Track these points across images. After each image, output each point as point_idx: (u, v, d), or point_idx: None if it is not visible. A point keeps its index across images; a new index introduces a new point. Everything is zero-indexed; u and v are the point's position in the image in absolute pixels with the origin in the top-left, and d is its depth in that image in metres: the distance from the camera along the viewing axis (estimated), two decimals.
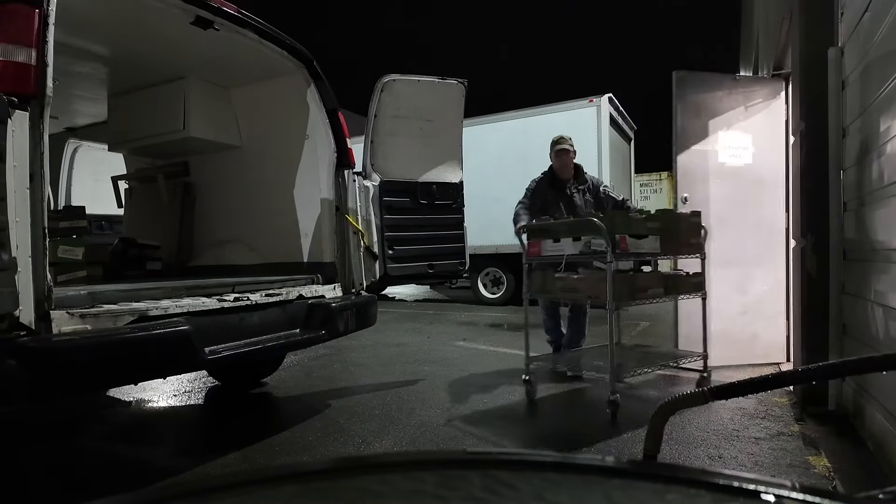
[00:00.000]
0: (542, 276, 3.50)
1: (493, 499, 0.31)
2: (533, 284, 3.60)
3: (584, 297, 3.30)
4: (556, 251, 3.25)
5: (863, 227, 2.63)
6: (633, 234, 3.04)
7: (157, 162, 4.30)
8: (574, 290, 3.30)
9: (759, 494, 0.31)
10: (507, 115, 8.69)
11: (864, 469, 2.30)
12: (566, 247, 3.18)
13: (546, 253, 3.34)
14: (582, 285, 3.25)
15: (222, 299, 2.49)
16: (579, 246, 3.11)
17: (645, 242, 3.09)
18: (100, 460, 2.74)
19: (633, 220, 3.14)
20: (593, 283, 3.17)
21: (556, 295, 3.50)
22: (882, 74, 2.29)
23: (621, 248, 2.94)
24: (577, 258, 3.21)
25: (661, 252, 3.24)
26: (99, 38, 3.03)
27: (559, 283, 3.36)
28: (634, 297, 3.13)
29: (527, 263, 3.56)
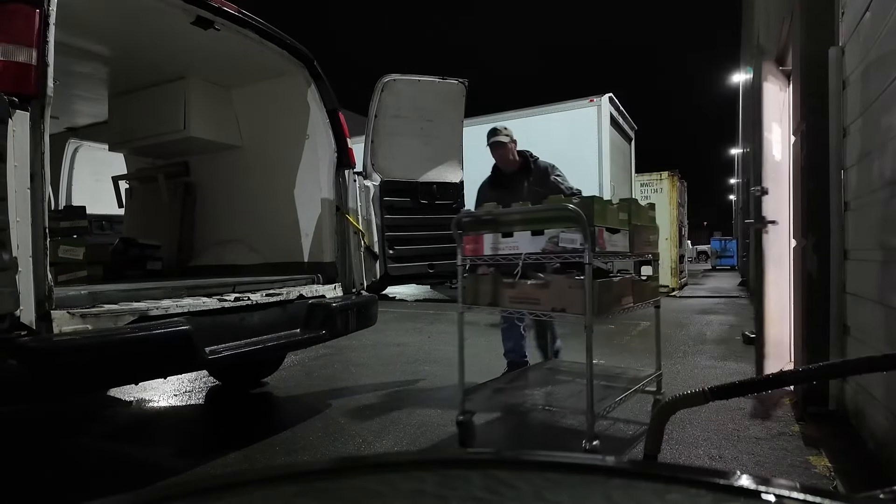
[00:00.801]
0: (484, 283, 2.69)
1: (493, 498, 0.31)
2: (469, 293, 2.70)
3: (547, 310, 2.45)
4: (507, 249, 2.51)
5: (864, 227, 2.63)
6: (610, 227, 2.47)
7: (158, 162, 4.30)
8: (533, 300, 2.48)
9: (759, 494, 0.31)
10: (508, 114, 8.69)
11: (864, 469, 2.30)
12: (522, 243, 2.45)
13: (492, 252, 2.57)
14: (545, 294, 2.44)
15: (223, 299, 2.49)
16: (541, 242, 2.40)
17: (618, 239, 2.53)
18: (100, 460, 2.74)
19: (610, 208, 2.50)
20: (562, 290, 2.40)
21: (506, 307, 2.60)
22: (883, 74, 2.29)
23: (600, 246, 2.33)
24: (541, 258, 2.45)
25: (630, 251, 2.66)
26: (99, 38, 3.03)
27: (511, 291, 2.55)
28: (611, 309, 2.49)
29: (461, 264, 2.70)
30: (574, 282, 2.37)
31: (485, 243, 2.61)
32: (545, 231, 2.40)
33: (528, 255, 2.45)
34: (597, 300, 2.28)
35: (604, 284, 2.40)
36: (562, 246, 2.36)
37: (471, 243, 2.65)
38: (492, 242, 2.58)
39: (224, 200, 4.01)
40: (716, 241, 29.41)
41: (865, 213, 2.59)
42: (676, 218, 11.74)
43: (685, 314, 8.08)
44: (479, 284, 2.71)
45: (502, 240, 2.54)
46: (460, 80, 3.97)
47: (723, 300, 10.35)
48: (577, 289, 2.33)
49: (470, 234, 2.68)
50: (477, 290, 2.71)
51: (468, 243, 2.67)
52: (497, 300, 2.63)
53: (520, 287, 2.53)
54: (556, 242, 2.37)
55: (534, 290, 2.51)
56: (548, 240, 2.39)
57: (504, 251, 2.53)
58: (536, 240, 2.43)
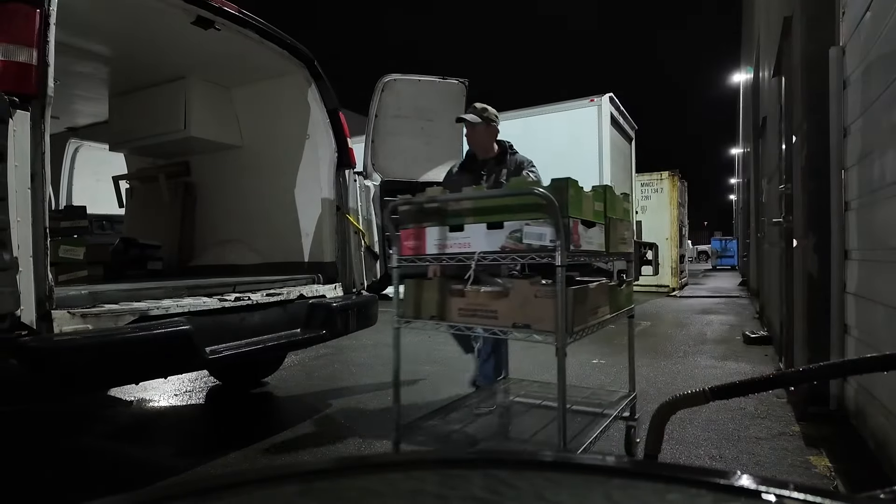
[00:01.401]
0: (427, 290, 2.12)
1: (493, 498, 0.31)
2: (408, 303, 2.16)
3: (506, 326, 1.91)
4: (456, 247, 1.98)
5: (864, 227, 2.63)
6: (585, 219, 1.97)
7: (158, 162, 4.31)
8: (488, 313, 1.95)
9: (759, 494, 0.31)
10: (508, 114, 8.67)
11: (865, 469, 2.30)
12: (476, 239, 1.94)
13: (437, 250, 2.03)
14: (504, 305, 1.91)
15: (223, 299, 2.49)
16: (500, 237, 1.88)
17: (593, 235, 2.05)
18: (101, 460, 2.74)
19: (586, 195, 2.00)
20: (526, 300, 1.88)
21: (453, 320, 2.03)
22: (884, 74, 2.29)
23: (574, 242, 1.84)
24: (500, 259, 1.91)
25: (605, 250, 2.18)
26: (100, 38, 3.03)
27: (460, 301, 2.01)
28: (586, 323, 1.97)
29: (397, 266, 2.17)
30: (541, 289, 1.85)
31: (428, 239, 2.05)
32: (505, 223, 1.88)
33: (483, 255, 1.92)
34: (570, 313, 1.78)
35: (578, 293, 1.88)
36: (526, 243, 1.83)
37: (411, 239, 2.11)
38: (437, 238, 2.04)
39: (224, 200, 4.02)
40: (716, 240, 29.44)
41: (866, 213, 2.59)
42: (677, 218, 11.74)
43: (685, 314, 8.08)
44: (421, 292, 2.13)
45: (450, 235, 2.00)
46: (460, 79, 3.97)
47: (723, 300, 10.35)
48: (545, 298, 1.82)
49: (410, 226, 2.13)
50: (418, 299, 2.14)
51: (407, 239, 2.12)
52: (443, 313, 2.06)
53: (471, 296, 1.99)
54: (518, 238, 1.84)
55: (489, 301, 1.95)
56: (508, 234, 1.87)
57: (452, 249, 1.99)
58: (494, 235, 1.90)
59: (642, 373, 4.16)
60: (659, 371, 4.26)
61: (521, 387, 2.83)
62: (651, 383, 3.87)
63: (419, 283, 2.16)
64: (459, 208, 2.00)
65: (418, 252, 2.09)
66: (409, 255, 2.12)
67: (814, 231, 3.09)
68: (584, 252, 1.98)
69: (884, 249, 2.30)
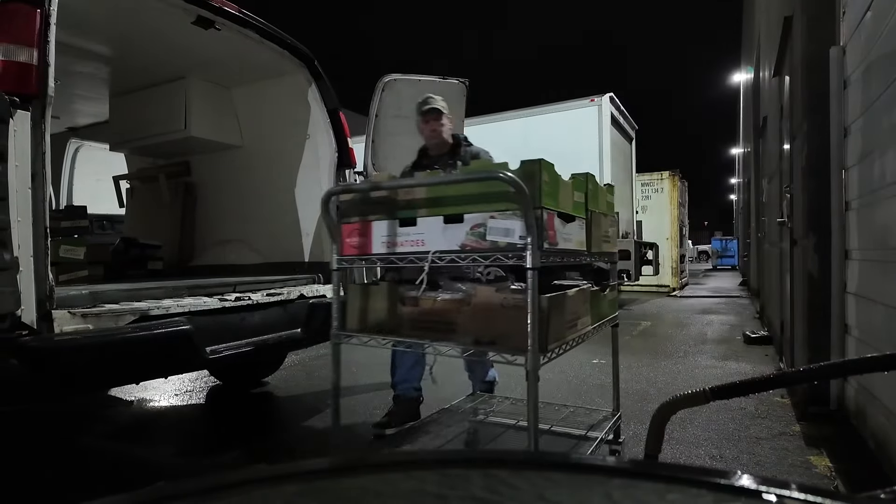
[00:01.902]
0: (374, 298, 1.80)
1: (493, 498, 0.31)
2: (350, 314, 1.84)
3: (466, 339, 1.59)
4: (408, 245, 1.67)
5: (865, 227, 2.63)
6: (563, 213, 1.67)
7: (159, 161, 4.31)
8: (444, 325, 1.62)
9: (760, 494, 0.31)
10: (508, 114, 8.69)
11: (865, 469, 2.30)
12: (430, 235, 1.62)
13: (386, 249, 1.72)
14: (464, 317, 1.59)
15: (223, 299, 2.49)
16: (460, 233, 1.57)
17: (572, 231, 1.74)
18: (101, 459, 2.74)
19: (563, 183, 1.70)
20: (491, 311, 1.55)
21: (404, 334, 1.71)
22: (884, 74, 2.29)
23: (549, 239, 1.54)
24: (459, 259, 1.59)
25: (586, 249, 1.89)
26: (100, 38, 3.03)
27: (413, 310, 1.69)
28: (565, 338, 1.65)
29: (338, 268, 1.85)
30: (509, 297, 1.53)
31: (374, 235, 1.73)
32: (465, 216, 1.57)
33: (439, 255, 1.60)
34: (545, 328, 1.47)
35: (555, 302, 1.55)
36: (490, 240, 1.52)
37: (355, 235, 1.78)
38: (386, 234, 1.71)
39: (225, 200, 4.02)
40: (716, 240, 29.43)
41: (866, 213, 2.59)
42: (677, 218, 11.74)
43: (686, 314, 8.08)
44: (367, 300, 1.79)
45: (401, 230, 1.68)
46: (461, 79, 3.97)
47: (723, 300, 10.35)
48: (513, 309, 1.50)
49: (354, 220, 1.79)
50: (363, 308, 1.80)
51: (351, 235, 1.79)
52: (393, 325, 1.72)
53: (426, 305, 1.65)
54: (481, 234, 1.53)
55: (446, 311, 1.61)
56: (469, 230, 1.55)
57: (403, 248, 1.67)
58: (452, 230, 1.58)
59: (643, 372, 4.16)
60: (659, 371, 4.25)
61: (492, 404, 2.55)
62: (651, 383, 3.86)
63: (365, 290, 1.84)
64: (411, 198, 1.66)
65: (363, 251, 1.76)
66: (353, 255, 1.80)
67: (814, 231, 3.09)
68: (560, 251, 1.66)
69: (884, 249, 2.30)
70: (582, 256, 1.89)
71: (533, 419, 1.49)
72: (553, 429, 2.20)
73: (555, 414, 2.39)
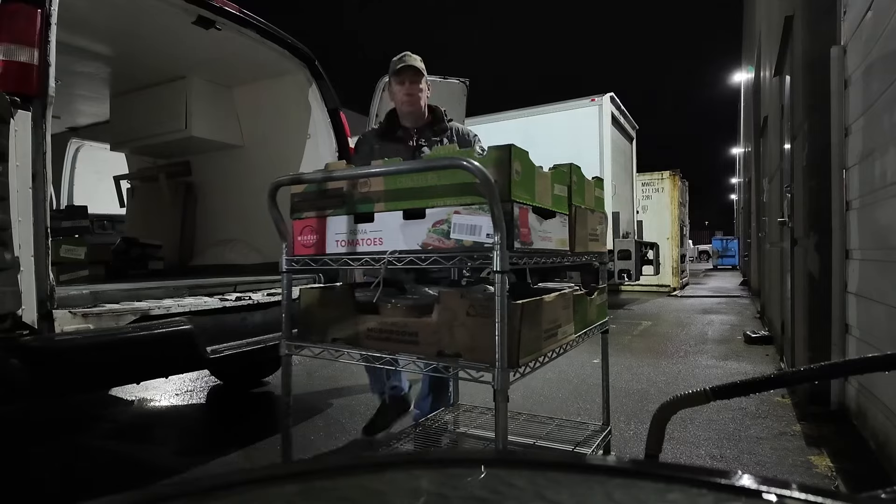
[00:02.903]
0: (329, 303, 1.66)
1: (494, 497, 0.31)
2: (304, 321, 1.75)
3: (429, 351, 1.41)
4: (365, 244, 1.50)
5: (865, 227, 2.63)
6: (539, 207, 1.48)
7: (159, 161, 4.31)
8: (404, 336, 1.45)
9: (760, 494, 0.31)
10: (509, 114, 8.69)
11: (866, 468, 2.30)
12: (388, 233, 1.45)
13: (343, 248, 1.55)
14: (426, 327, 1.41)
15: (224, 298, 2.49)
16: (421, 231, 1.39)
17: (551, 228, 1.55)
18: (101, 459, 2.75)
19: (541, 174, 1.53)
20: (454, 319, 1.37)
21: (361, 345, 1.56)
22: (885, 73, 2.29)
23: (521, 238, 1.36)
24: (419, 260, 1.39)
25: (569, 249, 1.70)
26: (101, 38, 3.03)
27: (371, 319, 1.52)
28: (541, 350, 1.44)
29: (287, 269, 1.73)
30: (475, 304, 1.34)
31: (329, 233, 1.55)
32: (427, 211, 1.38)
33: (397, 256, 1.41)
34: (516, 339, 1.29)
35: (528, 309, 1.35)
36: (454, 238, 1.33)
37: (309, 233, 1.60)
38: (341, 231, 1.53)
39: (225, 200, 4.02)
40: (717, 240, 29.42)
41: (867, 213, 2.59)
42: (678, 217, 11.74)
43: (686, 313, 8.08)
44: (320, 306, 1.64)
45: (358, 227, 1.50)
46: (461, 79, 3.97)
47: (724, 300, 10.34)
48: (479, 317, 1.31)
49: (307, 215, 1.61)
50: (315, 315, 1.65)
51: (304, 233, 1.61)
52: (349, 335, 1.56)
53: (386, 313, 1.49)
54: (444, 232, 1.35)
55: (407, 319, 1.44)
56: (431, 227, 1.36)
57: (359, 247, 1.49)
58: (413, 227, 1.40)
59: (643, 372, 4.16)
60: (660, 371, 4.25)
61: (471, 417, 2.35)
62: (652, 383, 3.86)
63: (317, 294, 1.67)
64: (368, 190, 1.46)
65: (317, 251, 1.59)
66: (305, 255, 1.63)
67: (815, 230, 3.09)
68: (536, 251, 1.47)
69: (885, 249, 2.30)
70: (564, 257, 1.68)
71: (502, 443, 1.29)
72: (538, 443, 2.05)
73: (539, 429, 2.20)
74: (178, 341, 2.08)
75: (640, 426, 2.91)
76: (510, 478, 0.33)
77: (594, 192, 1.98)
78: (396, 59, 2.43)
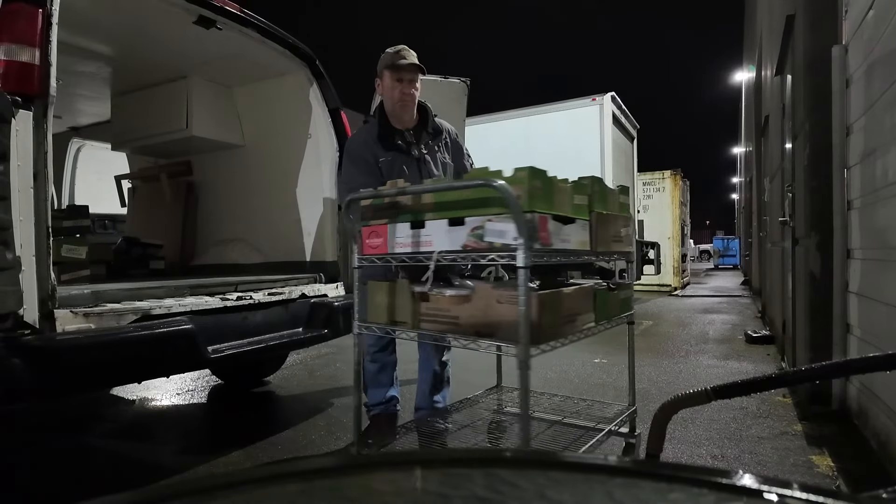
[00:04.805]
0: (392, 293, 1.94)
1: (495, 497, 0.31)
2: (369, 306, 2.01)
3: (467, 331, 1.76)
4: (419, 246, 1.83)
5: (867, 226, 2.63)
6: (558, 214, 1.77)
7: (161, 161, 4.31)
8: (448, 319, 1.80)
9: (762, 494, 0.31)
10: (509, 113, 8.68)
11: (868, 468, 2.29)
12: (437, 237, 1.79)
13: (400, 248, 1.88)
14: (465, 311, 1.76)
15: (225, 298, 2.49)
16: (462, 235, 1.72)
17: (571, 231, 1.84)
18: (102, 458, 2.75)
19: (560, 187, 1.81)
20: (488, 305, 1.72)
21: (413, 326, 1.89)
22: (886, 72, 2.28)
23: (541, 240, 1.67)
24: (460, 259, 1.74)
25: (591, 248, 1.96)
26: (102, 38, 3.03)
27: (421, 305, 1.86)
28: (561, 333, 1.76)
29: (358, 267, 2.01)
30: (504, 293, 1.69)
31: (389, 237, 1.92)
32: (466, 219, 1.71)
33: (443, 255, 1.76)
34: (537, 322, 1.60)
35: (548, 298, 1.69)
36: (487, 241, 1.67)
37: (374, 237, 1.95)
38: (400, 235, 1.88)
39: (226, 200, 4.02)
40: (718, 240, 29.40)
41: (868, 212, 2.58)
42: (679, 217, 11.73)
43: (687, 313, 8.07)
44: (385, 296, 1.96)
45: (412, 231, 1.84)
46: (462, 79, 3.97)
47: (725, 299, 10.34)
48: (508, 304, 1.66)
49: (373, 223, 1.97)
50: (382, 303, 1.97)
51: (371, 237, 1.96)
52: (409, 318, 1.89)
53: (434, 300, 1.83)
54: (480, 236, 1.68)
55: (450, 305, 1.79)
56: (469, 232, 1.70)
57: (414, 248, 1.85)
58: (455, 232, 1.74)
59: (644, 372, 4.15)
60: (661, 370, 4.25)
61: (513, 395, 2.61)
62: (653, 382, 3.86)
63: (382, 286, 1.98)
64: (420, 203, 1.84)
65: (381, 251, 1.93)
66: (372, 255, 1.96)
67: (816, 230, 3.08)
68: (557, 251, 1.77)
69: (886, 248, 2.30)
70: (586, 255, 1.99)
71: (524, 407, 1.61)
72: (566, 420, 2.30)
73: (570, 406, 2.50)
74: (179, 341, 2.08)
75: (641, 426, 2.91)
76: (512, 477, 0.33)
77: (618, 199, 2.22)
78: (393, 52, 2.36)
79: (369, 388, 2.58)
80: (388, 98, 2.40)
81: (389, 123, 2.42)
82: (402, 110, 2.40)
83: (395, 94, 2.36)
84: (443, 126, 2.54)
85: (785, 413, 3.07)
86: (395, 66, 2.33)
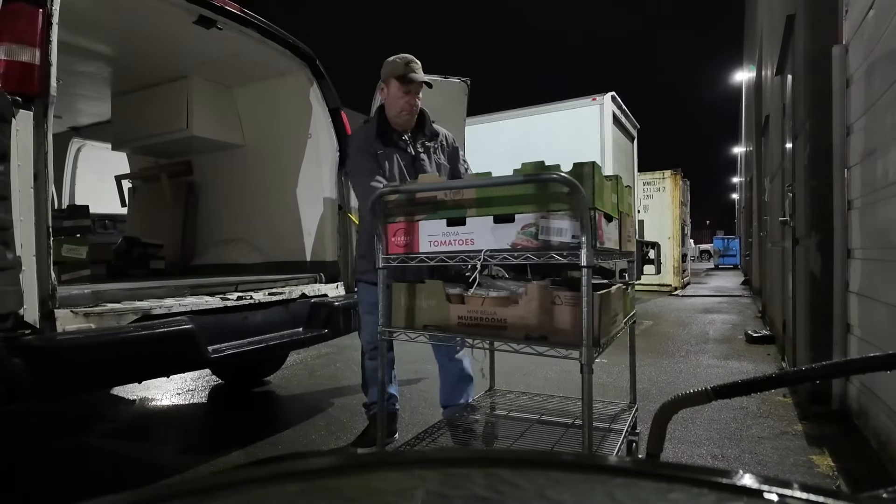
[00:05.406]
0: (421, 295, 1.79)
1: (495, 497, 0.31)
2: (397, 311, 1.83)
3: (517, 336, 1.62)
4: (456, 244, 1.68)
5: (867, 226, 2.62)
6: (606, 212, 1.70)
7: (161, 161, 4.31)
8: (494, 323, 1.65)
9: (762, 493, 0.31)
10: (510, 113, 8.67)
11: (868, 468, 2.29)
12: (480, 235, 1.64)
13: (433, 247, 1.72)
14: (514, 314, 1.62)
15: (225, 298, 2.49)
16: (511, 233, 1.59)
17: (612, 231, 1.81)
18: (102, 458, 2.75)
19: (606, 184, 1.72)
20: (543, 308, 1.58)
21: (452, 329, 1.73)
22: (887, 72, 2.28)
23: (599, 240, 1.59)
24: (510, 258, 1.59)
25: (618, 248, 1.92)
26: (102, 38, 3.04)
27: (460, 308, 1.71)
28: (610, 335, 1.72)
29: (383, 267, 1.82)
30: (561, 295, 1.57)
31: (420, 235, 1.74)
32: (516, 216, 1.58)
33: (491, 254, 1.61)
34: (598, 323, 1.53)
35: (605, 300, 1.61)
36: (543, 239, 1.54)
37: (402, 234, 1.79)
38: (433, 233, 1.72)
39: (226, 199, 4.02)
40: (718, 239, 29.39)
41: (869, 212, 2.58)
42: (679, 217, 11.72)
43: (688, 313, 8.07)
44: (413, 298, 1.80)
45: (449, 229, 1.69)
46: (462, 78, 3.97)
47: (725, 299, 10.33)
48: (565, 306, 1.55)
49: (399, 220, 1.79)
50: (409, 305, 1.81)
51: (398, 234, 1.79)
52: (440, 322, 1.73)
53: (473, 303, 1.69)
54: (533, 233, 1.55)
55: (495, 308, 1.65)
56: (520, 230, 1.57)
57: (451, 246, 1.68)
58: (503, 229, 1.60)
59: (645, 372, 4.15)
60: (661, 370, 4.25)
61: (510, 399, 2.60)
62: (653, 382, 3.86)
63: (411, 288, 1.82)
64: (460, 198, 1.68)
65: (410, 250, 1.77)
66: (399, 254, 1.80)
67: (816, 230, 3.08)
68: (605, 250, 1.72)
69: (886, 248, 2.30)
70: (617, 255, 1.98)
71: (588, 414, 1.51)
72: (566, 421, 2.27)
73: (564, 407, 2.48)
74: (179, 341, 2.08)
75: (642, 426, 2.90)
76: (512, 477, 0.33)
77: (627, 199, 2.18)
78: (404, 64, 2.41)
79: (370, 387, 2.65)
80: (392, 105, 2.46)
81: (388, 124, 2.51)
82: (407, 118, 2.48)
83: (400, 104, 2.43)
84: (439, 131, 2.63)
85: (785, 413, 3.07)
86: (406, 78, 2.39)
